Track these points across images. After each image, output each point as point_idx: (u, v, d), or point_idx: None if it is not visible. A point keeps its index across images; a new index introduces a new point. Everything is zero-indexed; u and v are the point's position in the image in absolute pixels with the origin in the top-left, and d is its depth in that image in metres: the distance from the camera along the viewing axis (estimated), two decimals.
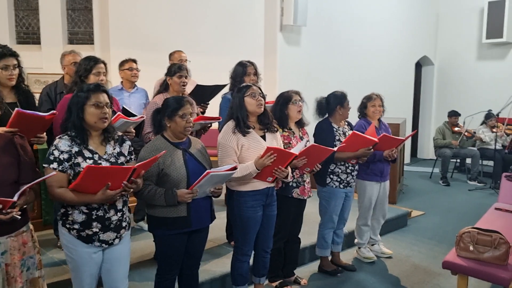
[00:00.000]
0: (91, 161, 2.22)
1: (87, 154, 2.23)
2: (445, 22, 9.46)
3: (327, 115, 3.74)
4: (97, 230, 2.26)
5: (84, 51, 7.05)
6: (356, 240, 4.26)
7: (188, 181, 2.55)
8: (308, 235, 3.96)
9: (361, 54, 7.91)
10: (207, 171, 2.43)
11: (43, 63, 7.13)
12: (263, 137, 2.95)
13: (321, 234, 3.81)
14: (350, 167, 3.69)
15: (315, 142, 3.58)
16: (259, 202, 2.94)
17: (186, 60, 4.49)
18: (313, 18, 6.89)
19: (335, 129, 3.67)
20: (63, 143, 2.20)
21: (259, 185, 2.91)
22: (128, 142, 2.46)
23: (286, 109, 3.33)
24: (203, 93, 3.84)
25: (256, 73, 3.86)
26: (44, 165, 2.18)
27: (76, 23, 7.45)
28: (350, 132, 3.63)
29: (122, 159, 2.36)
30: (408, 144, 9.15)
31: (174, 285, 2.76)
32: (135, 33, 6.76)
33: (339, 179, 3.66)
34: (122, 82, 4.33)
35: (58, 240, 3.73)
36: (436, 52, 9.68)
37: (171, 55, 4.52)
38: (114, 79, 4.97)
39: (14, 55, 2.80)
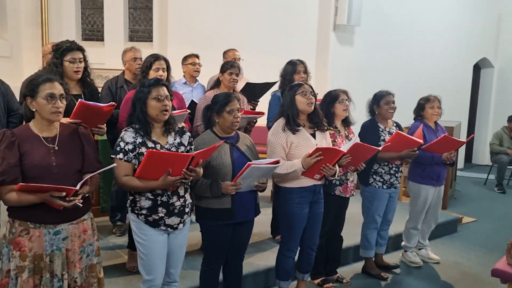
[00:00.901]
0: None
1: (150, 144, 2.39)
2: (507, 24, 9.03)
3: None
4: (163, 215, 2.42)
5: (143, 48, 7.35)
6: (403, 243, 4.21)
7: (233, 175, 2.65)
8: (353, 235, 3.97)
9: (416, 54, 7.73)
10: (248, 163, 2.53)
11: (106, 59, 7.54)
12: (313, 135, 3.01)
13: (364, 234, 3.81)
14: (394, 168, 3.67)
15: (360, 140, 3.60)
16: (305, 199, 3.00)
17: (240, 58, 4.62)
18: (367, 18, 6.82)
19: (380, 129, 3.66)
20: (127, 135, 2.38)
21: (306, 182, 2.97)
22: (188, 134, 2.60)
23: (333, 108, 3.37)
24: (253, 91, 3.95)
25: (306, 71, 3.92)
26: (111, 156, 2.37)
27: (137, 21, 7.81)
28: None
29: (182, 148, 2.50)
30: (462, 149, 8.81)
31: (219, 275, 2.88)
32: (192, 31, 6.99)
33: (382, 180, 3.65)
34: (184, 76, 4.51)
35: (113, 227, 3.99)
36: (497, 54, 9.26)
37: (225, 53, 4.68)
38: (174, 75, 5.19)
39: (81, 49, 3.01)
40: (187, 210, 2.53)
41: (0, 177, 1.99)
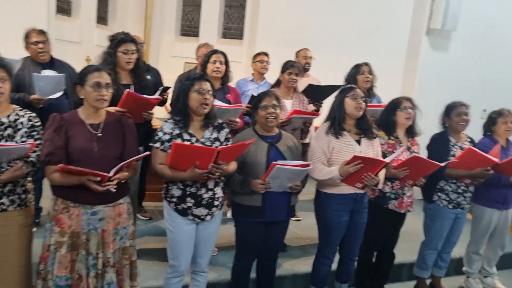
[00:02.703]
0: (188, 143, 2.49)
1: (186, 136, 2.50)
2: None
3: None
4: (191, 204, 2.52)
5: (233, 45, 7.70)
6: (464, 268, 3.86)
7: None
8: (410, 252, 3.74)
9: None
10: (273, 162, 2.51)
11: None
12: (358, 142, 2.90)
13: (421, 254, 3.56)
14: (462, 187, 3.36)
15: (428, 154, 3.37)
16: (345, 207, 2.90)
17: (311, 57, 4.58)
18: (466, 22, 6.28)
19: (451, 143, 3.38)
20: (167, 126, 2.52)
21: (347, 189, 2.87)
22: (226, 130, 2.67)
23: (394, 116, 3.19)
24: (317, 93, 3.89)
25: (371, 72, 3.77)
26: (150, 144, 2.53)
27: (231, 19, 8.08)
28: None
29: (217, 143, 2.58)
30: None
31: (250, 272, 2.91)
32: (281, 31, 7.03)
33: (448, 198, 3.36)
34: (253, 73, 4.60)
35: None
36: None
37: (297, 52, 4.66)
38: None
39: (134, 41, 3.15)
40: (216, 203, 2.60)
41: (46, 157, 2.22)
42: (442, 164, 3.05)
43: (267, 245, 2.86)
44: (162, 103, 3.38)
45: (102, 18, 7.58)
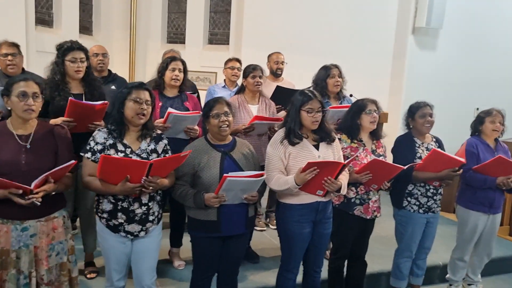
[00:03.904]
0: (122, 154, 2.35)
1: (120, 147, 2.37)
2: None
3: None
4: (122, 221, 2.39)
5: (220, 51, 7.61)
6: (448, 276, 3.68)
7: None
8: (390, 260, 3.54)
9: None
10: (224, 175, 2.36)
11: (186, 61, 7.83)
12: (316, 146, 2.74)
13: (396, 263, 3.38)
14: (432, 190, 3.19)
15: (393, 157, 3.23)
16: (307, 217, 2.73)
17: (283, 62, 4.44)
18: (453, 20, 6.11)
19: (417, 145, 3.21)
20: (99, 135, 2.39)
21: (308, 198, 2.70)
22: (165, 141, 2.53)
23: (359, 119, 3.03)
24: (284, 96, 3.74)
25: (341, 75, 3.62)
26: (80, 153, 2.39)
27: (217, 25, 7.99)
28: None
29: (154, 155, 2.43)
30: None
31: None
32: (266, 34, 6.91)
33: (418, 203, 3.19)
34: (225, 80, 4.47)
35: None
36: None
37: (269, 56, 4.52)
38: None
39: (82, 49, 3.02)
40: (151, 218, 2.46)
41: None
42: (405, 167, 2.90)
43: (226, 260, 2.70)
44: None
45: (86, 28, 7.52)
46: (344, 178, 2.76)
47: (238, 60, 4.38)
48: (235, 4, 7.55)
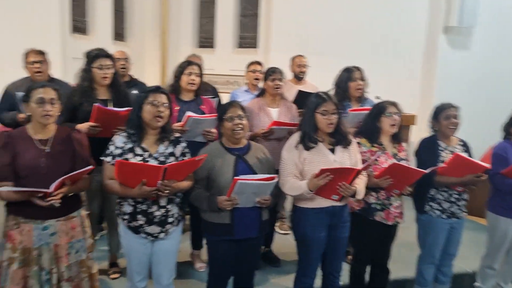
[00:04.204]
0: (140, 158, 2.40)
1: (138, 151, 2.42)
2: None
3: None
4: (142, 222, 2.44)
5: (249, 54, 7.66)
6: (477, 284, 3.53)
7: None
8: (412, 266, 3.44)
9: None
10: (234, 178, 2.37)
11: (215, 65, 7.94)
12: (332, 150, 2.71)
13: (419, 269, 3.29)
14: (455, 195, 3.08)
15: (416, 160, 3.14)
16: (322, 221, 2.71)
17: (306, 65, 4.41)
18: (486, 18, 5.90)
19: (440, 148, 3.11)
20: (119, 139, 2.45)
21: (323, 202, 2.67)
22: (183, 144, 2.56)
23: (378, 122, 2.97)
24: (306, 100, 3.70)
25: (362, 79, 3.56)
26: (100, 157, 2.47)
27: (246, 28, 8.04)
28: (464, 153, 3.05)
29: (171, 159, 2.47)
30: None
31: None
32: (295, 37, 6.91)
33: (440, 208, 3.09)
34: (247, 83, 4.48)
35: None
36: None
37: (292, 59, 4.51)
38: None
39: (109, 56, 3.12)
40: (170, 220, 2.50)
41: None
42: (426, 171, 2.82)
43: (241, 263, 2.72)
44: None
45: (119, 35, 7.75)
46: (360, 182, 2.72)
47: (260, 63, 4.38)
48: (263, 7, 7.58)
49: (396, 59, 6.19)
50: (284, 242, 4.08)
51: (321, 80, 4.63)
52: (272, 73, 3.45)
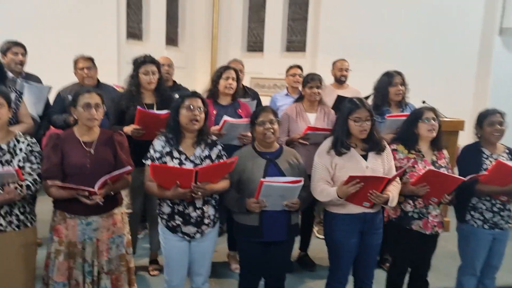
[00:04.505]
0: (177, 161, 2.52)
1: (175, 154, 2.53)
2: None
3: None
4: (179, 222, 2.55)
5: (297, 58, 7.71)
6: None
7: None
8: (454, 277, 3.34)
9: None
10: (260, 180, 2.43)
11: (264, 69, 8.05)
12: (365, 156, 2.70)
13: (459, 281, 3.17)
14: (498, 205, 2.95)
15: (458, 168, 3.04)
16: (353, 228, 2.70)
17: (347, 69, 4.38)
18: None
19: (484, 155, 2.99)
20: (158, 143, 2.58)
21: (354, 208, 2.67)
22: (219, 147, 2.65)
23: (415, 128, 2.92)
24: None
25: (403, 84, 3.50)
26: (142, 160, 2.60)
27: (294, 32, 8.08)
28: (509, 162, 2.92)
29: (207, 161, 2.57)
30: None
31: None
32: (343, 40, 6.87)
33: (482, 218, 2.97)
34: (287, 88, 4.52)
35: None
36: None
37: (333, 63, 4.51)
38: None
39: (154, 62, 3.28)
40: (206, 221, 2.58)
41: (44, 173, 2.42)
42: (466, 179, 2.73)
43: (271, 265, 2.76)
44: None
45: (172, 40, 8.05)
46: (394, 189, 2.68)
47: (300, 67, 4.40)
48: (312, 11, 7.60)
49: (449, 62, 6.00)
50: (321, 247, 4.02)
51: (370, 85, 4.59)
52: (311, 80, 3.47)
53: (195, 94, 2.60)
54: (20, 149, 2.40)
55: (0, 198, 2.27)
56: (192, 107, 2.52)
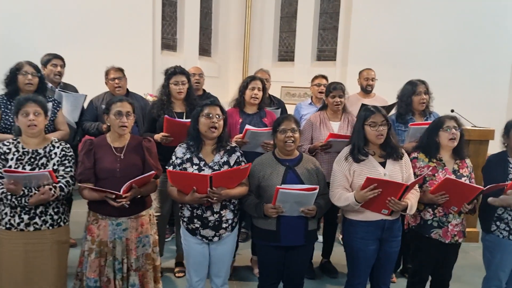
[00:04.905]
0: (196, 167, 2.65)
1: (195, 161, 2.67)
2: None
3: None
4: (198, 226, 2.68)
5: (327, 67, 7.78)
6: None
7: None
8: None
9: None
10: (276, 187, 2.52)
11: (294, 78, 8.14)
12: (383, 164, 2.75)
13: None
14: None
15: (483, 177, 3.03)
16: (372, 235, 2.74)
17: (374, 78, 4.42)
18: None
19: (511, 165, 2.97)
20: (179, 150, 2.73)
21: (373, 215, 2.72)
22: (238, 154, 2.76)
23: (436, 136, 2.94)
24: None
25: (427, 92, 3.51)
26: (166, 166, 2.75)
27: (325, 42, 8.15)
28: None
29: (226, 167, 2.68)
30: None
31: None
32: (373, 49, 6.90)
33: (508, 228, 2.94)
34: (311, 97, 4.60)
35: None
36: None
37: (360, 73, 4.55)
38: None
39: (184, 73, 3.44)
40: (224, 225, 2.69)
41: (78, 176, 2.62)
42: (484, 188, 2.72)
43: (289, 270, 2.84)
44: None
45: (205, 50, 8.29)
46: (413, 197, 2.71)
47: (325, 77, 4.48)
48: (342, 21, 7.64)
49: (481, 70, 5.91)
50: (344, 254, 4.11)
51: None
52: (333, 89, 3.54)
53: (213, 103, 2.73)
54: (55, 154, 2.60)
55: (35, 198, 2.46)
56: (211, 115, 2.65)
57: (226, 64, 8.53)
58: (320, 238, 4.04)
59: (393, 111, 3.78)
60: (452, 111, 4.43)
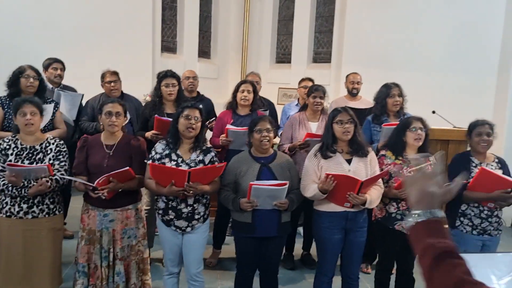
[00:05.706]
0: (174, 163, 2.87)
1: (173, 157, 2.89)
2: None
3: None
4: (172, 217, 2.90)
5: (323, 69, 7.98)
6: None
7: None
8: None
9: None
10: (250, 183, 2.76)
11: (291, 79, 8.35)
12: (349, 161, 2.98)
13: None
14: (486, 211, 3.11)
15: (448, 175, 3.24)
16: (336, 225, 2.97)
17: (359, 82, 4.64)
18: None
19: (473, 164, 3.18)
20: (159, 146, 2.95)
21: (337, 207, 2.95)
22: (212, 154, 2.97)
23: (404, 136, 3.16)
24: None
25: (401, 95, 3.73)
26: (145, 160, 2.96)
27: (321, 44, 8.36)
28: (497, 170, 3.10)
29: (200, 165, 2.89)
30: None
31: (251, 283, 3.12)
32: (367, 52, 7.08)
33: (471, 224, 3.14)
34: (298, 99, 4.79)
35: None
36: None
37: (346, 77, 4.78)
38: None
39: (174, 76, 3.69)
40: (196, 217, 2.91)
41: (73, 170, 2.91)
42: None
43: (264, 259, 3.07)
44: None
45: (204, 53, 8.54)
46: (375, 192, 2.94)
47: (311, 80, 4.68)
48: (337, 23, 7.84)
49: (469, 73, 6.11)
50: None
51: None
52: (315, 91, 3.77)
53: (193, 105, 2.96)
54: (51, 149, 2.88)
55: (34, 189, 2.75)
56: (189, 116, 2.87)
57: (225, 66, 8.76)
58: (301, 231, 4.29)
59: None
60: (434, 112, 4.65)
